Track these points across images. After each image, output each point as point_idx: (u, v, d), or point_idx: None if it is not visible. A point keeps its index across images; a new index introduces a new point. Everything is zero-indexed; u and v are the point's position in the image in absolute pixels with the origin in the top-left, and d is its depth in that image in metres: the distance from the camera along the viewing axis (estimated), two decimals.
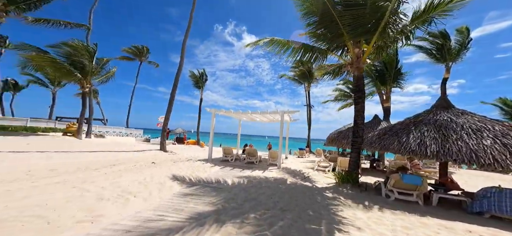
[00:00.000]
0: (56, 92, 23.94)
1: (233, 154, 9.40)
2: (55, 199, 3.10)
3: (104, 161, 6.90)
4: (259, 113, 9.85)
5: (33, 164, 5.52)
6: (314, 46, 6.55)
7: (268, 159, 9.35)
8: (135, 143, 16.56)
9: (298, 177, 6.72)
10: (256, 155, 9.07)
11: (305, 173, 7.57)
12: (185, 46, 12.92)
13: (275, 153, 9.19)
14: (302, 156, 15.88)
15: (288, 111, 9.11)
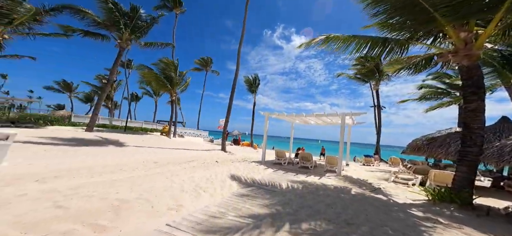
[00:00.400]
0: (157, 101, 33.39)
1: (285, 158, 9.25)
2: (156, 187, 4.02)
3: (184, 157, 8.75)
4: (315, 115, 9.14)
5: (145, 157, 7.85)
6: (387, 38, 5.35)
7: (324, 165, 8.50)
8: (203, 143, 19.93)
9: (365, 188, 5.74)
10: (311, 159, 8.45)
11: (375, 184, 6.40)
12: (240, 53, 14.08)
13: (334, 159, 8.23)
14: (369, 164, 13.28)
15: (351, 113, 7.94)
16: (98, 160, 6.16)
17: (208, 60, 34.58)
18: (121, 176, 4.61)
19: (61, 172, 4.33)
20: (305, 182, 5.87)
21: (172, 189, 3.97)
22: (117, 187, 3.71)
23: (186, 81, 20.56)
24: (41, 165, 4.76)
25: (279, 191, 4.72)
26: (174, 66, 17.74)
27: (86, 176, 4.28)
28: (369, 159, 13.94)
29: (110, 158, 6.73)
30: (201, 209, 3.18)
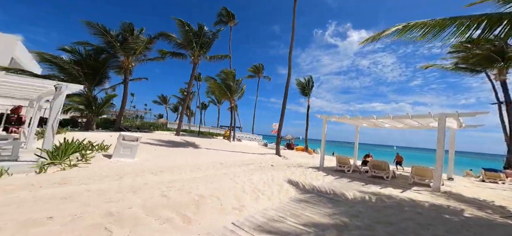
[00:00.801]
0: (220, 108, 39.11)
1: (349, 165, 8.03)
2: (223, 187, 4.31)
3: (242, 160, 9.64)
4: (391, 118, 7.40)
5: (214, 158, 9.35)
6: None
7: (409, 177, 6.62)
8: (258, 147, 21.06)
9: (491, 212, 4.05)
10: (387, 169, 6.86)
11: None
12: (291, 57, 13.95)
13: (426, 171, 6.30)
14: (495, 181, 8.99)
15: (458, 114, 5.85)
16: (183, 159, 8.00)
17: (260, 67, 36.59)
18: (198, 174, 5.68)
19: (163, 168, 5.96)
20: (379, 194, 4.93)
21: (235, 190, 4.34)
22: (197, 183, 4.56)
23: (242, 88, 22.66)
24: (153, 161, 6.79)
25: (343, 201, 4.20)
26: (232, 75, 20.07)
27: (177, 172, 5.63)
28: (494, 174, 9.43)
29: (190, 158, 8.55)
30: (260, 211, 3.29)
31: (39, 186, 3.32)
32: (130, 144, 6.34)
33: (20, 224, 2.03)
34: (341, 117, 8.96)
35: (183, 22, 17.13)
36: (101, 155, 6.34)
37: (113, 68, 15.67)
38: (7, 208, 2.41)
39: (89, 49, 14.64)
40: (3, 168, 3.61)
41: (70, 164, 4.66)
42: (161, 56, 18.51)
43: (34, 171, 4.00)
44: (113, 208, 2.65)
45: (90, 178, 4.09)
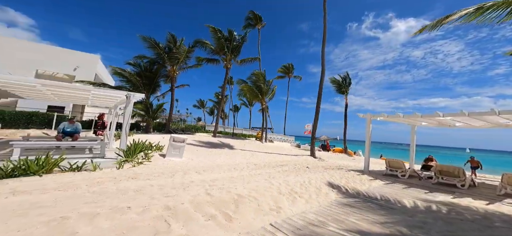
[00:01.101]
0: (251, 110, 40.28)
1: (404, 169, 6.87)
2: (260, 187, 4.33)
3: (276, 161, 9.63)
4: (468, 115, 5.87)
5: (248, 159, 9.71)
6: None
7: (500, 187, 5.12)
8: (290, 148, 20.54)
9: None
10: (462, 175, 5.52)
11: None
12: (324, 54, 13.14)
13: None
14: None
15: None
16: (221, 160, 8.61)
17: (290, 67, 35.75)
18: (235, 174, 6.00)
19: (205, 167, 6.58)
20: (452, 204, 4.11)
21: (271, 190, 4.36)
22: (235, 183, 4.81)
23: (273, 90, 22.67)
24: (196, 161, 7.59)
25: (399, 208, 3.66)
26: (263, 77, 20.34)
27: (217, 171, 6.11)
28: None
29: (227, 158, 9.12)
30: (299, 214, 3.22)
31: (119, 179, 4.22)
32: (178, 145, 7.30)
33: (110, 211, 2.61)
34: (391, 116, 7.73)
35: (215, 29, 18.55)
36: (158, 154, 7.54)
37: (162, 77, 18.41)
38: (100, 196, 3.15)
39: (145, 61, 17.68)
40: (96, 163, 4.76)
41: (138, 162, 5.74)
42: (198, 63, 20.52)
43: (115, 167, 5.11)
44: (170, 203, 3.09)
45: (151, 175, 4.92)
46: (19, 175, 3.66)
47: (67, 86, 4.84)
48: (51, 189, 3.27)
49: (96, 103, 9.30)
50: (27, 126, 12.40)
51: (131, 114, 17.47)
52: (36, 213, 2.34)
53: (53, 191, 3.20)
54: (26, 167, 3.72)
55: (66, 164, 4.32)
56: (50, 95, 6.64)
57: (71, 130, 6.71)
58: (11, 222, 2.12)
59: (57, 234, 1.97)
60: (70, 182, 3.71)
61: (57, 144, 5.49)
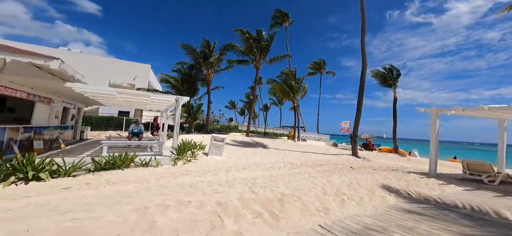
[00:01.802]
0: (281, 108, 39.77)
1: (493, 173, 5.43)
2: (302, 187, 4.32)
3: (313, 160, 9.18)
4: None
5: (283, 158, 9.61)
6: None
7: None
8: (326, 147, 19.23)
9: None
10: None
11: None
12: (364, 45, 11.66)
13: None
14: None
15: None
16: (257, 158, 8.82)
17: (321, 63, 33.60)
18: (274, 173, 6.04)
19: (244, 166, 6.86)
20: None
21: (315, 190, 4.23)
22: (275, 182, 4.85)
23: (304, 87, 21.73)
24: (234, 159, 8.01)
25: (497, 221, 2.94)
26: (293, 74, 19.75)
27: (255, 170, 6.29)
28: None
29: (263, 157, 9.27)
30: (351, 217, 3.00)
31: (176, 175, 4.86)
32: (218, 144, 7.86)
33: (176, 203, 3.01)
34: (470, 109, 6.00)
35: (243, 31, 19.08)
36: (201, 153, 8.33)
37: (199, 80, 20.25)
38: (166, 190, 3.69)
39: (185, 67, 19.81)
40: (158, 161, 5.61)
41: (187, 159, 6.49)
42: (229, 65, 21.58)
43: (171, 164, 5.92)
44: (221, 199, 3.34)
45: (199, 172, 5.46)
46: (109, 168, 4.69)
47: (134, 93, 5.98)
48: (132, 181, 4.04)
49: (152, 108, 11.01)
50: (106, 128, 15.82)
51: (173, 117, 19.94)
52: (126, 202, 2.92)
53: (133, 183, 3.96)
54: (113, 162, 4.72)
55: (138, 160, 5.27)
56: (121, 102, 8.26)
57: (137, 131, 8.16)
58: (112, 207, 2.71)
59: (142, 220, 2.40)
60: (142, 176, 4.51)
61: (128, 143, 6.79)
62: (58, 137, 7.46)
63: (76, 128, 9.98)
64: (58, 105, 7.58)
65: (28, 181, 3.58)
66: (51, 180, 3.79)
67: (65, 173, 4.05)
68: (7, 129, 4.84)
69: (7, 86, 4.56)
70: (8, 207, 2.51)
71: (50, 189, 3.34)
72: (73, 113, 9.56)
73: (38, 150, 5.80)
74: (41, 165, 3.86)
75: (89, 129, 11.45)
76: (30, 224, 2.09)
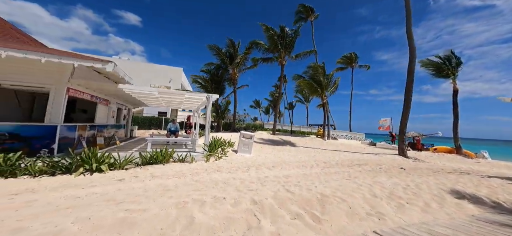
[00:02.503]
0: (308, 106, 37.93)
1: None
2: (345, 187, 4.02)
3: (350, 159, 8.27)
4: None
5: (315, 156, 8.99)
6: None
7: None
8: (362, 145, 17.30)
9: None
10: None
11: None
12: (412, 31, 9.85)
13: None
14: None
15: None
16: (286, 156, 8.48)
17: (353, 56, 30.64)
18: (306, 171, 5.62)
19: (274, 163, 6.64)
20: None
21: (361, 192, 3.72)
22: (311, 180, 4.48)
23: (335, 82, 20.03)
24: (263, 157, 7.87)
25: None
26: (322, 69, 18.42)
27: (286, 168, 6.00)
28: None
29: (292, 155, 8.86)
30: (417, 225, 2.49)
31: (209, 171, 4.99)
32: (247, 141, 7.84)
33: (212, 200, 3.01)
34: None
35: (267, 27, 18.71)
36: (231, 150, 8.49)
37: (226, 80, 20.93)
38: (201, 185, 3.77)
39: (212, 67, 20.77)
40: (192, 157, 5.90)
41: (218, 156, 6.67)
42: (254, 63, 21.57)
43: (204, 160, 6.16)
44: (255, 197, 3.20)
45: (230, 168, 5.50)
46: (152, 163, 5.15)
47: (171, 92, 6.54)
48: (171, 176, 4.31)
49: (185, 107, 11.89)
50: (149, 127, 18.00)
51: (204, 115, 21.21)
52: (168, 195, 3.06)
53: (172, 177, 4.21)
54: (156, 157, 5.17)
55: (175, 156, 5.65)
56: (161, 101, 9.13)
57: (174, 129, 8.89)
58: (156, 200, 2.87)
59: (182, 215, 2.44)
60: (179, 171, 4.78)
61: (167, 140, 7.43)
62: (114, 135, 8.74)
63: (127, 127, 11.58)
64: (113, 106, 8.88)
65: (93, 172, 4.20)
66: (109, 172, 4.35)
67: (119, 166, 4.61)
68: (77, 127, 5.85)
69: (76, 88, 5.51)
70: (77, 194, 2.93)
71: (109, 180, 3.82)
72: (124, 113, 11.12)
73: (100, 146, 6.87)
74: (102, 158, 4.48)
75: (136, 128, 13.16)
76: (93, 212, 2.35)
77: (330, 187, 3.93)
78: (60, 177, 3.81)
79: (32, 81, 4.92)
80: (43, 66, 4.91)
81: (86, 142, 6.43)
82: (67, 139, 5.45)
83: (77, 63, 4.52)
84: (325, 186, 4.03)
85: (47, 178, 3.72)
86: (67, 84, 5.10)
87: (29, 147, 4.58)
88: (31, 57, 4.07)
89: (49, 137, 4.79)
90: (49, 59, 4.21)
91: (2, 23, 6.05)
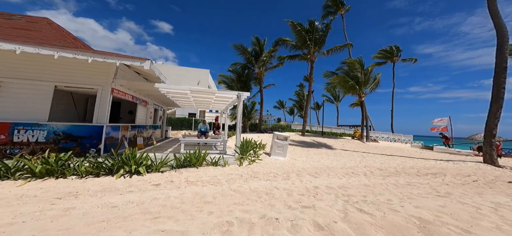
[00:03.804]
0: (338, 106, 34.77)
1: None
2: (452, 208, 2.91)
3: (412, 166, 6.61)
4: None
5: (362, 162, 7.61)
6: None
7: None
8: (414, 149, 14.53)
9: None
10: None
11: None
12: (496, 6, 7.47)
13: None
14: None
15: None
16: (327, 160, 7.36)
17: (393, 50, 26.83)
18: (364, 181, 4.51)
19: (317, 170, 5.67)
20: None
21: (488, 218, 2.57)
22: (381, 194, 3.47)
23: (376, 78, 17.50)
24: (300, 161, 6.96)
25: None
26: (359, 64, 16.31)
27: (334, 175, 4.97)
28: None
29: (333, 160, 7.67)
30: None
31: (245, 177, 4.41)
32: (282, 143, 7.07)
33: (261, 220, 2.37)
34: None
35: (294, 23, 17.53)
36: (263, 152, 7.86)
37: (252, 80, 20.58)
38: (242, 197, 3.17)
39: (238, 67, 20.69)
40: (225, 160, 5.46)
41: (251, 160, 6.10)
42: (280, 61, 20.62)
43: (237, 163, 5.67)
44: (318, 219, 2.41)
45: (268, 174, 4.81)
46: (186, 165, 4.89)
47: (203, 91, 6.33)
48: (206, 182, 3.88)
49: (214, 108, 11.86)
50: (181, 128, 19.01)
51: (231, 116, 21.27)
52: (207, 211, 2.55)
53: (208, 184, 3.76)
54: (189, 159, 4.89)
55: (208, 159, 5.30)
56: (192, 102, 9.18)
57: (204, 129, 8.78)
58: (195, 217, 2.37)
59: None
60: (214, 176, 4.34)
61: (198, 141, 7.27)
62: (152, 135, 9.16)
63: (162, 127, 12.23)
64: (151, 107, 9.34)
65: (132, 174, 4.09)
66: (146, 175, 4.21)
67: (156, 168, 4.46)
68: (121, 127, 6.09)
69: (120, 89, 5.73)
70: (114, 203, 2.68)
71: (145, 184, 3.60)
72: (160, 114, 11.74)
73: (140, 146, 7.13)
74: (140, 160, 4.39)
75: (170, 129, 13.87)
76: (127, 229, 1.96)
77: (424, 207, 2.88)
78: (103, 179, 3.78)
79: (83, 82, 5.24)
80: (91, 67, 5.19)
81: (128, 142, 6.72)
82: (113, 139, 5.68)
83: (119, 62, 4.56)
84: (413, 205, 2.98)
85: (92, 180, 3.73)
86: (111, 84, 5.28)
87: (80, 146, 4.84)
88: (80, 58, 4.23)
89: (96, 137, 5.00)
90: (95, 58, 4.32)
91: (60, 29, 6.83)
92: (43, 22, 7.12)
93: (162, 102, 10.81)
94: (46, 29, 6.77)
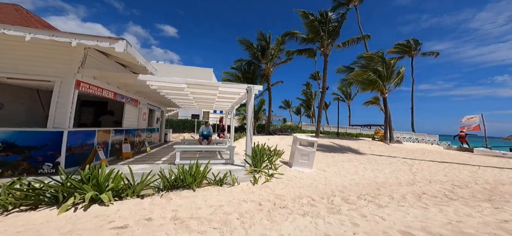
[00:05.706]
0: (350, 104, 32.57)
1: None
2: None
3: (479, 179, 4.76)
4: None
5: (419, 173, 5.83)
6: None
7: None
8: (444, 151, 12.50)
9: None
10: None
11: None
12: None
13: None
14: None
15: None
16: (361, 170, 5.62)
17: (411, 44, 24.57)
18: (479, 214, 2.80)
19: (366, 189, 4.02)
20: None
21: None
22: None
23: (399, 73, 15.51)
24: (331, 173, 5.28)
25: None
26: (380, 57, 14.42)
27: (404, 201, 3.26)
28: None
29: (371, 168, 5.91)
30: None
31: (267, 209, 2.78)
32: (307, 151, 5.41)
33: None
34: None
35: (306, 13, 15.86)
36: (280, 161, 6.22)
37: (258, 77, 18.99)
38: None
39: (244, 64, 19.16)
40: (234, 177, 3.87)
41: (268, 174, 4.47)
42: (289, 57, 18.98)
43: (249, 180, 4.07)
44: None
45: (299, 200, 3.16)
46: (179, 186, 3.33)
47: (202, 84, 4.82)
48: (206, 221, 2.29)
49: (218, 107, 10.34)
50: (183, 131, 17.66)
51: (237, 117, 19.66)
52: None
53: (208, 223, 2.18)
54: (183, 178, 3.33)
55: (211, 175, 3.74)
56: (192, 101, 7.69)
57: (207, 133, 7.27)
58: None
59: None
60: (218, 207, 2.76)
61: (199, 148, 5.75)
62: (145, 140, 7.73)
63: (160, 130, 10.83)
64: (144, 107, 7.91)
65: (89, 205, 2.58)
66: (114, 204, 2.69)
67: (132, 192, 2.94)
68: (96, 132, 4.64)
69: (91, 83, 4.26)
70: None
71: (102, 227, 2.07)
72: (158, 116, 10.35)
73: (126, 154, 5.68)
74: (106, 181, 2.88)
75: (171, 131, 12.47)
76: None
77: None
78: (36, 215, 2.29)
79: (33, 72, 3.79)
80: (45, 52, 3.77)
81: (111, 151, 5.27)
82: (83, 148, 4.23)
83: (75, 41, 3.10)
84: None
85: (16, 216, 2.24)
86: (76, 75, 3.83)
87: (28, 160, 3.40)
88: (10, 33, 2.77)
89: (53, 147, 3.55)
90: (35, 36, 2.86)
91: (30, 16, 5.55)
92: (10, 8, 5.89)
93: (159, 102, 9.40)
94: (12, 15, 5.53)
